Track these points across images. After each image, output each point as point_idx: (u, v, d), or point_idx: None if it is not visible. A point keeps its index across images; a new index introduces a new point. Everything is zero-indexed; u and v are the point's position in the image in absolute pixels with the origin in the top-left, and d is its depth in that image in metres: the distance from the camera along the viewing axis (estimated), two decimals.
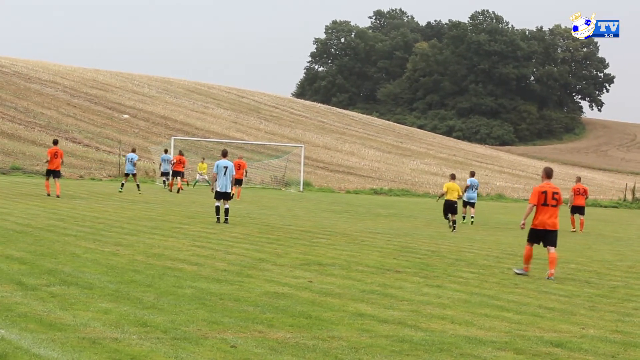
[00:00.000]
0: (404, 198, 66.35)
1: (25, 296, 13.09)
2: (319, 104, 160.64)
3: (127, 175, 47.29)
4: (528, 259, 19.86)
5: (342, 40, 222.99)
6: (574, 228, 38.85)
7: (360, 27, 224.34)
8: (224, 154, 29.94)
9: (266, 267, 18.12)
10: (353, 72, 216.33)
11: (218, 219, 29.12)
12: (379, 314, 13.44)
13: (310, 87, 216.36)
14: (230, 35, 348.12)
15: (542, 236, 19.60)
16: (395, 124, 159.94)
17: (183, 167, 53.19)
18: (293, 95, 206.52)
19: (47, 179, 38.70)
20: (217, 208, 29.29)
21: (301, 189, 65.98)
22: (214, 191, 29.70)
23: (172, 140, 66.92)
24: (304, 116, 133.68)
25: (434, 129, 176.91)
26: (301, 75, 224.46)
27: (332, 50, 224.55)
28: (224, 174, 29.34)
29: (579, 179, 41.91)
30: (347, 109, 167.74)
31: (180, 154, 54.96)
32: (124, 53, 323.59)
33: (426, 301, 14.95)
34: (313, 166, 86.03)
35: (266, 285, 15.53)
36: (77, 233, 22.65)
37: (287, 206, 43.57)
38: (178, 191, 50.16)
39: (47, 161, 38.83)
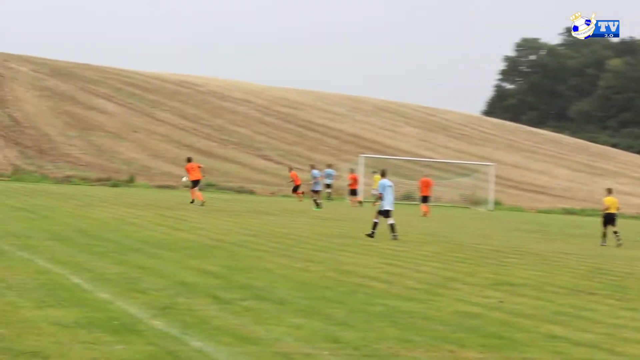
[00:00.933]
0: (597, 219, 64.63)
1: (220, 310, 13.39)
2: (508, 122, 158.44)
3: (316, 192, 48.21)
4: None
5: (532, 57, 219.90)
6: None
7: (551, 44, 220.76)
8: (384, 174, 30.32)
9: (456, 286, 17.98)
10: (543, 90, 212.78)
11: (373, 233, 29.24)
12: (572, 336, 13.13)
13: (500, 105, 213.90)
14: (420, 55, 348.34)
15: None
16: (588, 142, 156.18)
17: (357, 184, 54.16)
18: (482, 113, 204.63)
19: (196, 189, 42.59)
20: (375, 224, 29.54)
21: (491, 207, 65.31)
22: (379, 210, 29.90)
23: (361, 157, 67.39)
24: (493, 134, 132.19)
25: (628, 148, 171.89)
26: (490, 93, 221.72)
27: (522, 67, 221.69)
28: (389, 192, 29.83)
29: None
30: (537, 127, 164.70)
31: (352, 171, 55.98)
32: (314, 72, 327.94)
33: (622, 324, 14.52)
34: (503, 185, 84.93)
35: (456, 304, 15.41)
36: (268, 249, 23.07)
37: (476, 225, 43.22)
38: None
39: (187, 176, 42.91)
